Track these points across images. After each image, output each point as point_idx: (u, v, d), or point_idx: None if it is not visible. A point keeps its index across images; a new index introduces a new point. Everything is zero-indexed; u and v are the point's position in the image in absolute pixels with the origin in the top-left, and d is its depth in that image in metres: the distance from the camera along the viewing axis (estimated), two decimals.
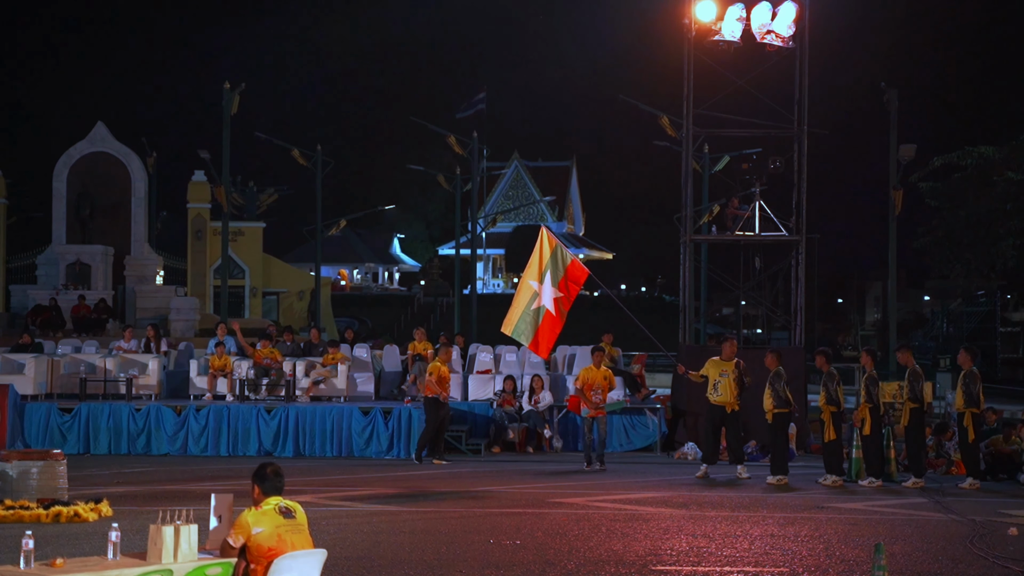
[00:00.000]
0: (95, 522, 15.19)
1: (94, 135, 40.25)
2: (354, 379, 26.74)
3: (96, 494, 16.64)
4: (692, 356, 27.16)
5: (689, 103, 27.54)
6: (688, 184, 28.06)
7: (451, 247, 73.50)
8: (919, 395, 20.39)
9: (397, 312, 75.21)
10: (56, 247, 39.11)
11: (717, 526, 15.55)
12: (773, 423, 20.90)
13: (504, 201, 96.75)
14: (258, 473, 9.29)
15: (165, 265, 44.42)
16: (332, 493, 18.30)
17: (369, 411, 24.64)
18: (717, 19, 26.45)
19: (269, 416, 24.54)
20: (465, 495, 18.63)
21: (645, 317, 27.19)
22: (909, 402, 20.41)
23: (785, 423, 21.09)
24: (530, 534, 14.73)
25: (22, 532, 9.07)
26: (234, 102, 38.60)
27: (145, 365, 26.60)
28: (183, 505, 9.55)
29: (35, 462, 16.40)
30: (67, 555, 9.36)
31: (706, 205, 38.55)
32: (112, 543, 9.03)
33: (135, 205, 40.17)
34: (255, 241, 47.51)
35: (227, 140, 39.28)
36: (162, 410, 24.74)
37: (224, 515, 9.46)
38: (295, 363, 26.45)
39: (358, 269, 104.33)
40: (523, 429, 25.63)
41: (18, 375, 25.56)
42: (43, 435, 24.46)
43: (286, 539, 9.04)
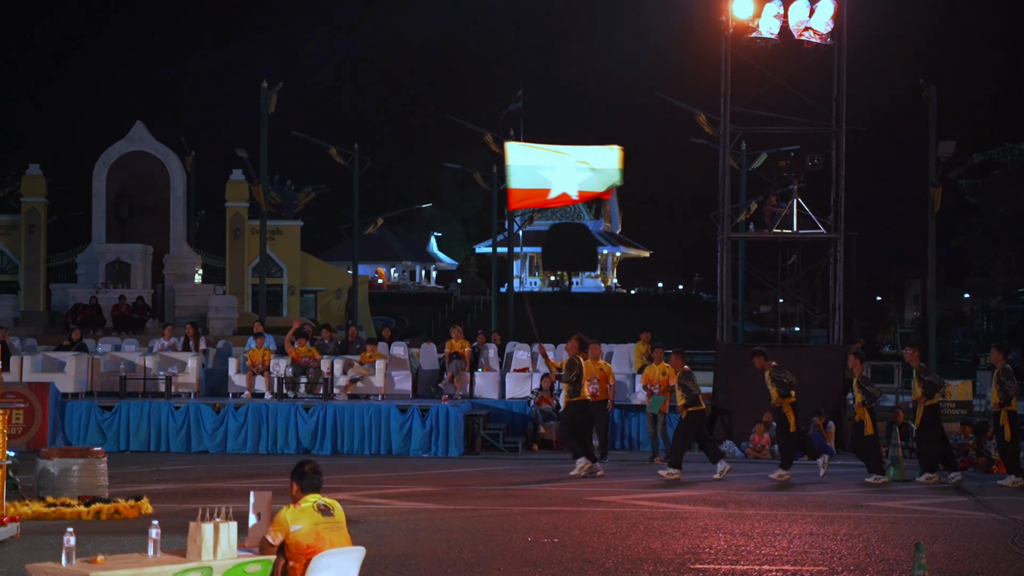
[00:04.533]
0: (135, 519, 15.28)
1: (133, 134, 40.47)
2: (391, 377, 26.79)
3: (136, 491, 16.72)
4: (730, 354, 27.09)
5: (726, 100, 27.45)
6: (725, 182, 27.97)
7: (488, 245, 73.50)
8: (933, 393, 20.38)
9: (434, 310, 75.31)
10: (96, 246, 39.35)
11: (756, 524, 15.50)
12: (686, 419, 20.90)
13: None
14: (296, 471, 9.31)
15: (204, 264, 44.61)
16: (370, 491, 18.34)
17: (406, 409, 24.68)
18: (755, 16, 26.35)
19: (307, 414, 24.61)
20: (502, 493, 18.63)
21: (682, 315, 27.09)
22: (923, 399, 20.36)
23: (698, 420, 20.97)
24: (568, 532, 14.72)
25: (63, 529, 9.13)
26: (272, 101, 38.74)
27: (184, 363, 26.73)
28: (222, 503, 9.57)
29: (76, 459, 16.51)
30: (108, 552, 9.43)
31: (744, 203, 38.44)
32: (152, 540, 9.08)
33: (174, 204, 40.38)
34: (293, 240, 47.65)
35: (265, 139, 39.45)
36: (201, 408, 24.85)
37: (263, 513, 9.49)
38: (333, 361, 26.52)
39: (395, 267, 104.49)
40: (559, 427, 25.59)
41: (59, 373, 25.74)
42: (84, 433, 24.62)
43: (325, 536, 9.06)
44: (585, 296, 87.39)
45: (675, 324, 62.66)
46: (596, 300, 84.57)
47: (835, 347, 26.86)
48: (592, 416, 21.51)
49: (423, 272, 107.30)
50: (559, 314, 70.14)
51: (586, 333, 21.94)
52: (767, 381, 20.93)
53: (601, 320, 64.54)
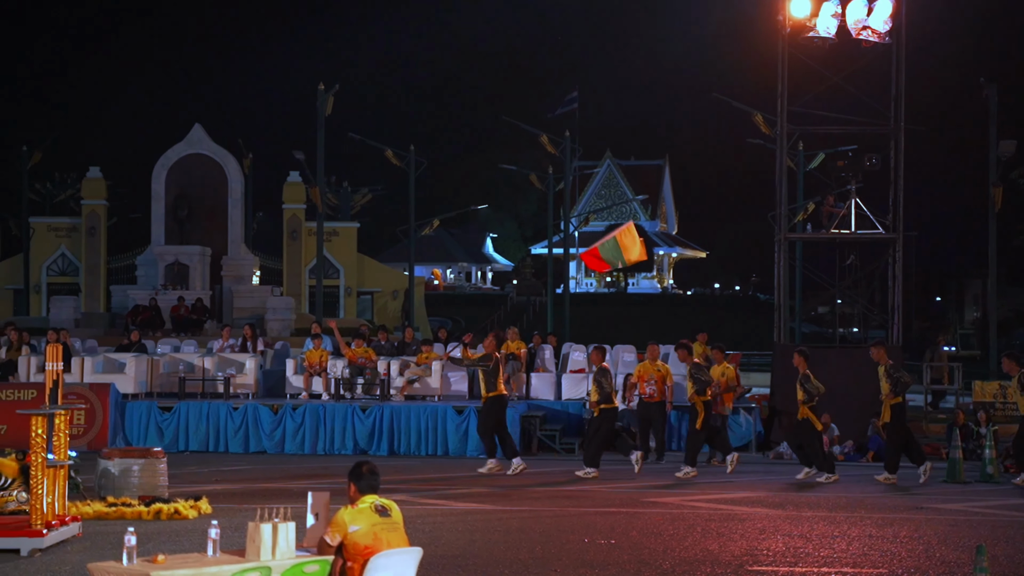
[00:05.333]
0: (195, 519, 15.39)
1: (191, 137, 40.81)
2: (448, 378, 26.83)
3: (195, 492, 16.85)
4: (787, 355, 26.93)
5: (783, 100, 27.29)
6: (782, 182, 27.81)
7: (543, 246, 73.51)
8: None
9: (490, 311, 75.33)
10: (155, 248, 39.70)
11: (814, 526, 15.40)
12: (599, 416, 21.01)
13: (596, 200, 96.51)
14: (354, 472, 9.35)
15: (261, 265, 44.88)
16: (427, 492, 18.38)
17: (463, 410, 24.72)
18: (812, 15, 26.18)
19: (364, 415, 24.70)
20: (559, 494, 18.63)
21: (739, 316, 27.01)
22: None
23: (611, 418, 21.07)
24: (624, 533, 14.69)
25: (124, 529, 9.21)
26: (328, 103, 38.93)
27: (242, 364, 26.90)
28: (280, 503, 9.63)
29: (136, 460, 16.65)
30: (168, 551, 9.50)
31: (801, 203, 38.22)
32: (212, 540, 9.15)
33: (231, 206, 40.68)
34: (349, 241, 47.80)
35: (322, 141, 39.64)
36: (259, 409, 25.00)
37: (321, 513, 9.54)
38: (389, 362, 26.60)
39: (451, 268, 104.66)
40: (617, 428, 25.52)
41: (119, 374, 25.97)
42: (143, 433, 24.84)
43: (382, 537, 9.09)
44: (641, 297, 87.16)
45: (732, 325, 62.43)
46: (652, 301, 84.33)
47: (893, 348, 26.63)
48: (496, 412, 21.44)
49: (479, 273, 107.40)
50: (615, 315, 70.10)
51: (643, 334, 21.98)
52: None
53: (657, 321, 64.36)
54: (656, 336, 26.07)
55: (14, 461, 15.23)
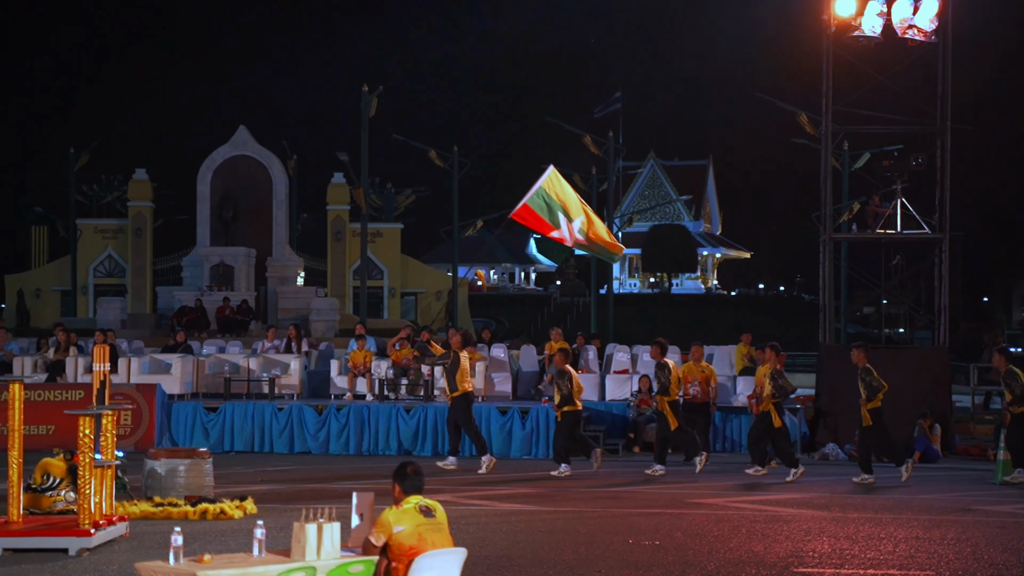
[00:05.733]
0: (240, 519, 15.46)
1: (236, 139, 41.04)
2: (491, 379, 26.85)
3: (241, 492, 16.93)
4: (832, 356, 26.79)
5: (828, 100, 27.15)
6: (827, 182, 27.67)
7: None
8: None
9: (534, 312, 75.34)
10: (200, 249, 39.95)
11: (860, 528, 15.31)
12: (561, 420, 21.08)
13: (640, 200, 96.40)
14: (398, 472, 9.37)
15: (305, 266, 45.11)
16: (471, 492, 18.39)
17: (507, 411, 24.73)
18: (857, 14, 26.04)
19: (408, 415, 24.75)
20: (603, 495, 18.60)
21: (784, 317, 26.88)
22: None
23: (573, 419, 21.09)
24: (669, 535, 14.65)
25: (171, 528, 9.27)
26: (372, 105, 39.04)
27: (287, 365, 27.02)
28: (325, 503, 9.67)
29: (182, 460, 16.75)
30: (214, 551, 9.56)
31: (846, 203, 38.00)
32: (257, 540, 9.19)
33: (276, 207, 40.89)
34: (393, 242, 47.97)
35: (365, 142, 39.75)
36: (304, 409, 25.09)
37: (366, 513, 9.57)
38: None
39: (495, 269, 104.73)
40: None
41: (165, 375, 26.15)
42: (189, 433, 24.97)
43: (427, 538, 9.11)
44: (685, 298, 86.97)
45: (776, 326, 62.17)
46: (696, 302, 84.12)
47: (940, 349, 26.46)
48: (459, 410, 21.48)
49: (522, 274, 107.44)
50: (658, 316, 69.91)
51: (687, 335, 21.90)
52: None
53: (701, 322, 64.17)
54: (700, 337, 26.00)
55: (62, 461, 15.38)
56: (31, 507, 14.72)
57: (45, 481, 15.29)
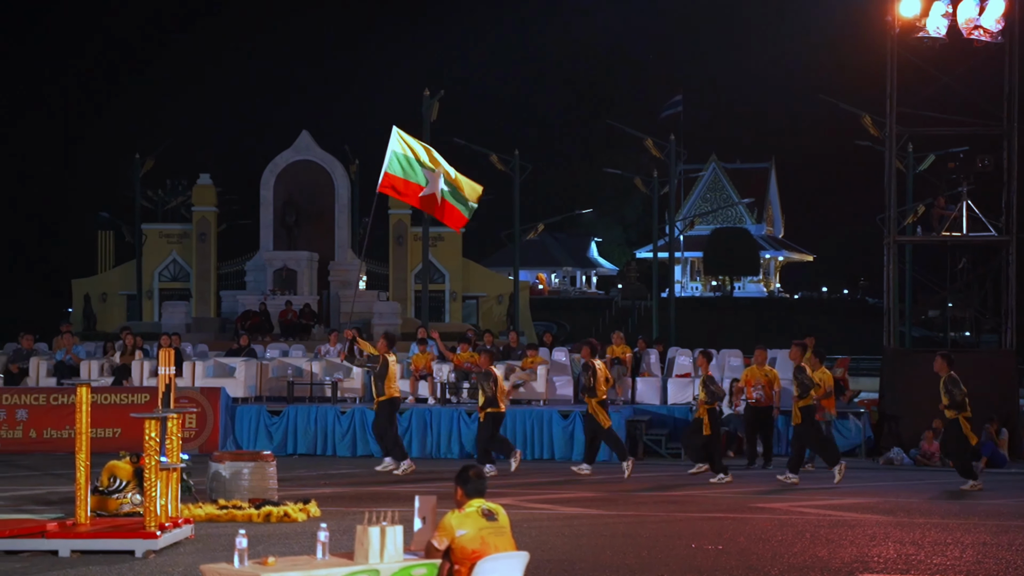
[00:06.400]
0: (304, 522, 15.54)
1: (299, 144, 41.28)
2: (553, 382, 26.85)
3: (304, 495, 17.02)
4: (897, 360, 26.58)
5: (892, 101, 26.93)
6: (892, 184, 27.45)
7: (648, 250, 73.29)
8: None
9: (595, 315, 75.21)
10: (264, 254, 40.20)
11: (926, 533, 15.16)
12: (484, 421, 21.33)
13: (702, 203, 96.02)
14: (461, 475, 9.39)
15: (368, 270, 45.27)
16: (533, 496, 18.39)
17: (568, 414, 24.71)
18: (922, 15, 25.82)
19: (470, 419, 24.78)
20: (665, 499, 18.54)
21: (848, 320, 26.67)
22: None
23: (495, 421, 21.37)
24: (732, 539, 14.57)
25: (235, 531, 9.33)
26: (434, 109, 39.12)
27: (350, 369, 27.13)
28: (388, 506, 9.71)
29: (246, 463, 16.86)
30: (278, 554, 9.62)
31: (911, 205, 37.65)
32: (321, 543, 9.24)
33: (338, 212, 41.08)
34: (455, 246, 48.00)
35: None
36: (366, 412, 25.17)
37: (428, 517, 9.59)
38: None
39: (556, 273, 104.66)
40: (724, 433, 25.38)
41: (229, 378, 26.35)
42: (253, 436, 25.15)
43: (489, 541, 9.12)
44: (747, 301, 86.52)
45: (840, 329, 61.71)
46: (758, 305, 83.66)
47: (1007, 352, 26.15)
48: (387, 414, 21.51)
49: (583, 277, 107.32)
50: (720, 319, 69.59)
51: (749, 339, 21.81)
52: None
53: (764, 325, 63.82)
54: (763, 340, 25.88)
55: (128, 464, 15.52)
56: (98, 509, 14.88)
57: (112, 483, 15.45)
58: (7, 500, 17.72)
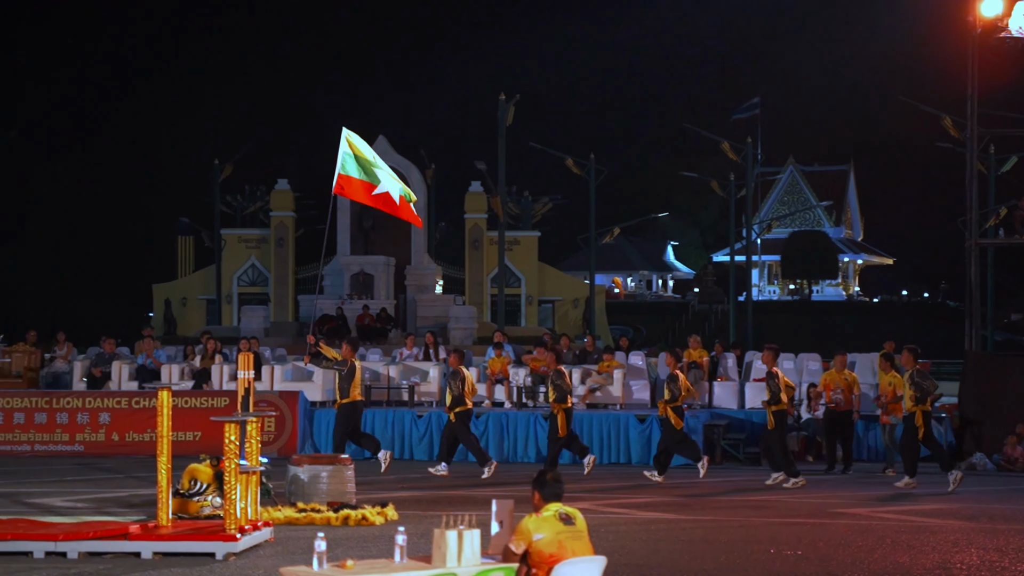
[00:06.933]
0: (381, 525, 15.60)
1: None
2: (630, 386, 26.77)
3: (382, 498, 17.08)
4: (979, 364, 26.23)
5: (973, 102, 26.59)
6: (973, 186, 27.11)
7: (725, 254, 72.85)
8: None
9: (671, 319, 74.97)
10: (341, 258, 40.47)
11: (1010, 539, 14.93)
12: (456, 421, 21.36)
13: (779, 206, 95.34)
14: (538, 479, 9.38)
15: (444, 274, 45.42)
16: (610, 500, 18.35)
17: (645, 418, 24.64)
18: (1004, 15, 25.49)
19: (546, 423, 24.75)
20: (743, 504, 18.42)
21: (928, 323, 26.37)
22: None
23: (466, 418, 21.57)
24: (812, 545, 14.44)
25: (314, 534, 9.39)
26: (509, 113, 39.19)
27: (426, 372, 27.22)
28: (465, 510, 9.71)
29: (324, 466, 16.95)
30: (356, 557, 9.64)
31: (993, 207, 37.18)
32: (399, 546, 9.26)
33: None
34: (530, 250, 48.07)
35: (503, 151, 39.92)
36: (443, 416, 25.23)
37: (505, 521, 9.59)
38: (571, 371, 26.62)
39: (632, 276, 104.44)
40: (802, 438, 25.20)
41: (307, 382, 26.52)
42: (331, 440, 25.24)
43: (567, 545, 9.10)
44: (825, 305, 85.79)
45: (920, 333, 61.00)
46: (837, 309, 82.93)
47: None
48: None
49: (660, 281, 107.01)
50: (798, 323, 69.04)
51: (828, 343, 21.63)
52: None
53: (842, 329, 63.23)
54: (841, 344, 25.65)
55: (209, 467, 15.69)
56: (179, 512, 15.04)
57: (192, 486, 15.61)
58: (91, 502, 17.97)
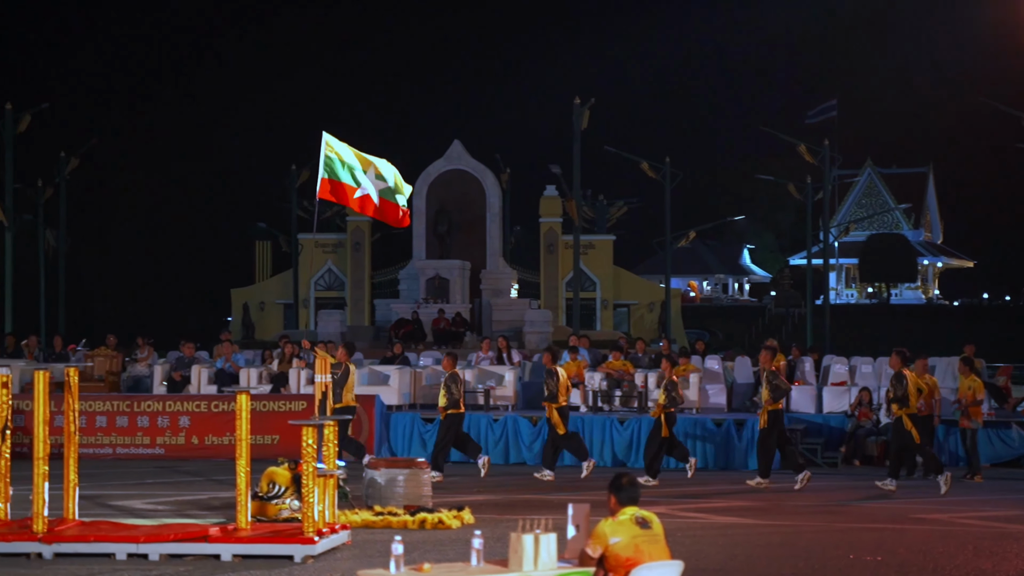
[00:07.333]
0: (458, 529, 15.64)
1: (451, 153, 41.64)
2: (706, 390, 26.64)
3: (458, 502, 17.12)
4: None
5: None
6: None
7: (802, 257, 72.33)
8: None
9: (747, 323, 74.51)
10: (416, 262, 40.64)
11: None
12: (445, 421, 21.36)
13: (857, 209, 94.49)
14: (614, 483, 9.36)
15: (519, 278, 45.47)
16: (686, 504, 18.27)
17: (721, 423, 24.51)
18: None
19: (622, 427, 24.72)
20: (822, 509, 18.27)
21: (1010, 327, 26.01)
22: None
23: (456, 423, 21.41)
24: (891, 551, 14.29)
25: (390, 537, 9.43)
26: (584, 117, 39.18)
27: (502, 376, 27.25)
28: (541, 514, 9.71)
29: (401, 470, 17.03)
30: (432, 560, 9.67)
31: None
32: (475, 550, 9.27)
33: (490, 220, 41.32)
34: (605, 254, 48.04)
35: (578, 155, 39.91)
36: (518, 420, 25.28)
37: (581, 525, 9.57)
38: (647, 375, 26.56)
39: (708, 280, 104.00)
40: (882, 443, 24.93)
41: (383, 386, 26.65)
42: (407, 444, 25.39)
43: (643, 549, 9.07)
44: (904, 308, 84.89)
45: (1001, 336, 60.15)
46: (916, 312, 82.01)
47: None
48: None
49: (736, 285, 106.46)
50: (877, 327, 68.34)
51: (906, 347, 21.37)
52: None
53: (922, 333, 62.51)
54: (921, 348, 25.34)
55: (287, 470, 15.81)
56: (258, 514, 15.17)
57: (271, 489, 15.74)
58: (171, 505, 18.17)
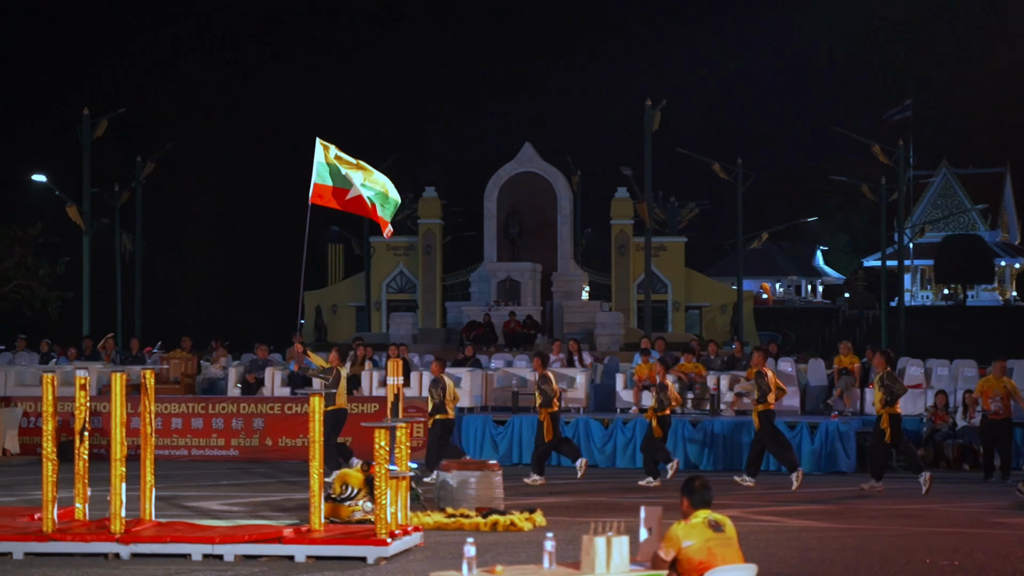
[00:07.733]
0: (530, 531, 15.62)
1: (522, 155, 41.68)
2: None
3: (530, 504, 17.12)
4: None
5: None
6: None
7: (876, 258, 71.68)
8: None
9: (821, 325, 73.90)
10: (487, 265, 40.71)
11: None
12: (433, 426, 21.32)
13: (932, 210, 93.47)
14: (687, 486, 9.32)
15: (590, 281, 45.41)
16: (759, 507, 18.15)
17: (795, 426, 24.34)
18: None
19: (694, 430, 24.62)
20: (897, 513, 18.07)
21: None
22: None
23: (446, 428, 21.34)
24: (969, 555, 14.11)
25: (463, 539, 9.44)
26: (656, 118, 39.07)
27: (573, 379, 27.23)
28: (613, 517, 9.69)
29: (473, 472, 17.06)
30: (504, 563, 9.67)
31: None
32: (547, 552, 9.26)
33: (561, 223, 41.31)
34: (677, 256, 47.84)
35: (649, 156, 39.79)
36: (590, 423, 25.25)
37: (654, 528, 9.54)
38: (719, 377, 26.43)
39: (780, 282, 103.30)
40: (958, 446, 24.65)
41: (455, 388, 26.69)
42: (479, 446, 25.44)
43: (716, 553, 9.02)
44: (981, 310, 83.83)
45: None
46: (993, 314, 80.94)
47: None
48: None
49: (808, 287, 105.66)
50: (952, 329, 67.54)
51: (983, 349, 21.16)
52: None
53: (999, 335, 61.70)
54: (997, 351, 25.06)
55: (359, 472, 15.90)
56: (331, 516, 15.25)
57: (344, 491, 15.83)
58: (246, 506, 18.33)
